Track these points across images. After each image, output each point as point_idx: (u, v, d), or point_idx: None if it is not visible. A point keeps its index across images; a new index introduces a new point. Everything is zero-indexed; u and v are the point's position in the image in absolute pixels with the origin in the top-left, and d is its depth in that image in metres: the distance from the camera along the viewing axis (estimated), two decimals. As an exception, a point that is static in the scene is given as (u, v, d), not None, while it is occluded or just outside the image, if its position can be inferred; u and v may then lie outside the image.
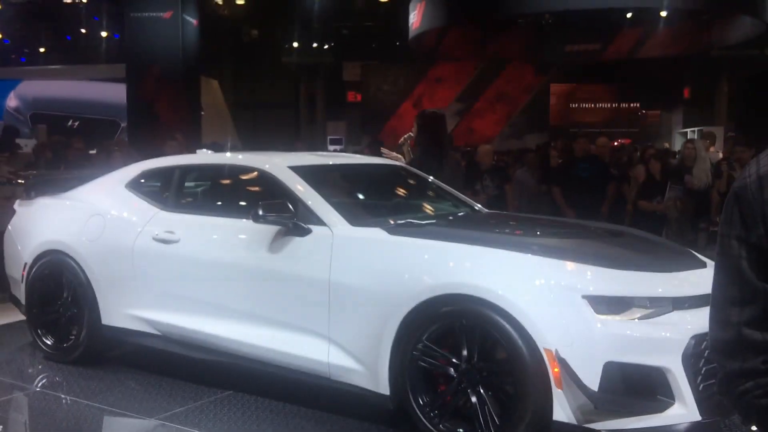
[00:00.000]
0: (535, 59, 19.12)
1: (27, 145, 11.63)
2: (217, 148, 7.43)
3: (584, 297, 3.16)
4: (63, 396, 4.29)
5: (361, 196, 4.73)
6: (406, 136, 5.95)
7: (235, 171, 4.66)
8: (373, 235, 3.77)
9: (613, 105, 21.53)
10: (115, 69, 15.65)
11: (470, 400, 3.33)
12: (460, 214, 4.64)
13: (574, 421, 3.12)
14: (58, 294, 4.86)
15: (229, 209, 4.30)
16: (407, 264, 3.56)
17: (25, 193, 5.40)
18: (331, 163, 4.80)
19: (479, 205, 5.05)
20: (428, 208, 4.79)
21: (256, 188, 4.33)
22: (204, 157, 4.99)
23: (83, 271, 4.70)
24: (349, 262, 3.72)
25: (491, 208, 5.23)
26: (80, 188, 5.22)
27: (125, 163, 5.51)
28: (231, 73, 18.68)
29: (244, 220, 4.06)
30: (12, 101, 18.89)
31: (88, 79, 18.75)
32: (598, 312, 3.15)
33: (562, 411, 3.13)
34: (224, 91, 17.38)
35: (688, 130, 18.89)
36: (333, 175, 4.68)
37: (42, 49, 22.67)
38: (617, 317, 3.17)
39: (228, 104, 17.32)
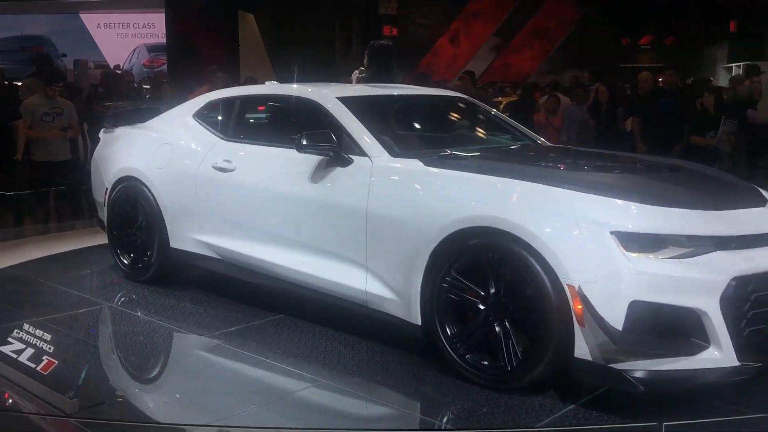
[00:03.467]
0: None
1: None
2: (254, 83, 7.51)
3: (612, 233, 3.01)
4: (128, 311, 4.62)
5: (412, 128, 4.67)
6: (357, 70, 5.92)
7: (288, 102, 4.72)
8: (410, 167, 3.74)
9: (652, 39, 20.06)
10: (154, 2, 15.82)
11: (495, 333, 3.31)
12: (512, 146, 4.50)
13: (596, 360, 3.03)
14: (134, 218, 5.18)
15: (281, 139, 4.38)
16: (439, 195, 3.52)
17: (107, 122, 5.71)
18: (384, 93, 4.75)
19: (542, 139, 4.88)
20: (483, 139, 4.68)
21: (307, 119, 4.37)
22: (259, 88, 5.09)
23: (154, 197, 4.97)
24: (385, 192, 3.73)
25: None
26: (156, 119, 5.48)
27: (174, 96, 5.69)
28: (267, 8, 18.37)
29: (293, 150, 4.13)
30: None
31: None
32: (628, 249, 3.01)
33: (583, 349, 3.04)
34: (260, 25, 17.30)
35: (734, 65, 17.52)
36: (386, 106, 4.64)
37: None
38: (649, 255, 3.02)
39: (264, 39, 17.23)
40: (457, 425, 3.10)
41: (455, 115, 4.96)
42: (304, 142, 3.93)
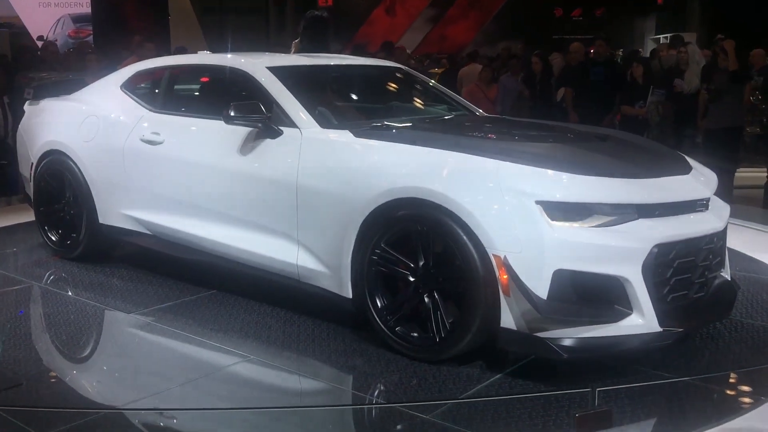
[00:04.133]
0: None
1: None
2: (183, 53, 7.32)
3: (538, 202, 3.01)
4: (56, 290, 4.48)
5: (346, 98, 4.60)
6: (296, 40, 5.93)
7: (217, 72, 4.59)
8: (339, 137, 3.68)
9: (583, 11, 20.36)
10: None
11: (424, 304, 3.29)
12: (446, 117, 4.47)
13: (521, 329, 3.05)
14: (61, 193, 5.01)
15: (210, 110, 4.26)
16: (367, 167, 3.47)
17: (27, 93, 5.48)
18: (317, 64, 4.66)
19: (480, 110, 4.86)
20: (418, 110, 4.64)
21: (237, 89, 4.26)
22: (188, 57, 4.94)
23: (81, 171, 4.81)
24: (315, 164, 3.66)
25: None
26: (83, 90, 5.28)
27: (100, 67, 5.50)
28: (198, -24, 17.91)
29: (221, 121, 4.02)
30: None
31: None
32: (553, 218, 3.01)
33: (509, 318, 3.05)
34: None
35: (661, 36, 17.91)
36: (319, 76, 4.55)
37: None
38: (574, 224, 3.03)
39: (194, 9, 16.79)
40: (388, 398, 3.09)
41: (391, 85, 4.90)
42: (232, 114, 3.83)
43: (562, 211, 3.03)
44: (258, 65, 4.20)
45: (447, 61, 11.56)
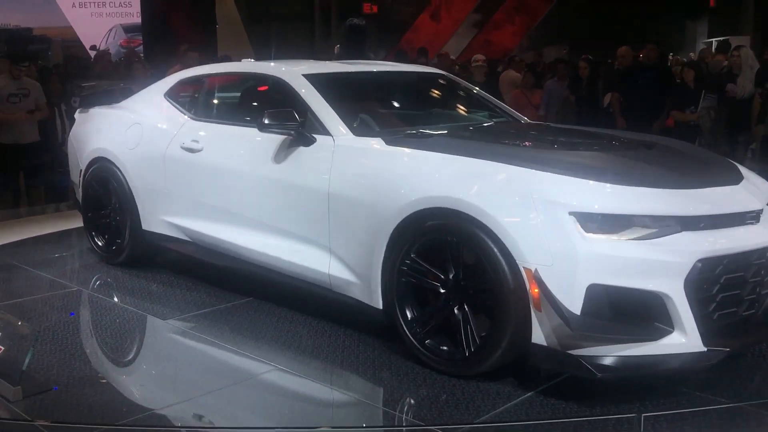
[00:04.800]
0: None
1: None
2: (227, 60, 7.37)
3: (572, 213, 2.88)
4: (99, 295, 4.55)
5: (383, 105, 4.52)
6: (337, 46, 5.93)
7: (255, 79, 4.59)
8: (371, 145, 3.61)
9: (634, 14, 19.52)
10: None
11: (454, 317, 3.19)
12: (485, 124, 4.35)
13: (553, 346, 2.91)
14: (107, 199, 5.09)
15: (246, 118, 4.26)
16: (398, 175, 3.39)
17: (74, 101, 5.61)
18: (354, 71, 4.61)
19: (524, 117, 4.72)
20: (457, 117, 4.53)
21: (273, 97, 4.25)
22: (227, 65, 4.96)
23: (125, 178, 4.88)
24: (346, 172, 3.61)
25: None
26: (130, 99, 5.37)
27: (147, 75, 5.58)
28: (244, -15, 17.99)
29: (257, 129, 4.01)
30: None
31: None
32: (588, 230, 2.87)
33: (541, 334, 2.93)
34: (238, 3, 16.97)
35: (713, 39, 17.33)
36: (355, 83, 4.50)
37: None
38: (610, 236, 2.88)
39: (241, 17, 16.89)
40: (417, 414, 2.99)
41: (431, 91, 4.81)
42: (266, 121, 3.81)
43: (597, 222, 2.88)
44: (294, 73, 4.17)
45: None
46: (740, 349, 3.18)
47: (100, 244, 5.20)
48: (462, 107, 4.72)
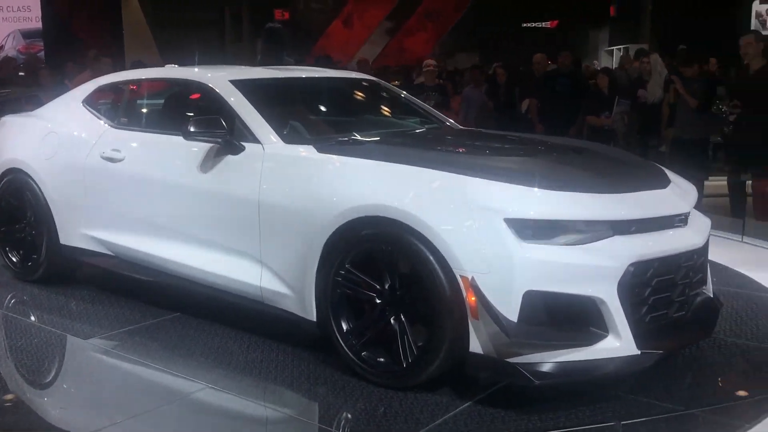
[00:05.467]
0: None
1: None
2: (140, 66, 7.16)
3: (506, 220, 2.86)
4: (15, 315, 4.28)
5: (313, 112, 4.43)
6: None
7: (179, 86, 4.43)
8: (302, 153, 3.52)
9: (537, 24, 20.72)
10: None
11: (391, 328, 3.13)
12: (418, 130, 4.32)
13: (491, 354, 2.88)
14: (22, 213, 4.81)
15: (172, 126, 4.09)
16: (331, 183, 3.31)
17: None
18: (283, 76, 4.50)
19: (452, 121, 4.72)
20: (390, 123, 4.48)
21: (199, 103, 4.10)
22: (150, 71, 4.77)
23: (40, 190, 4.63)
24: (277, 181, 3.50)
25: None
26: (45, 106, 5.11)
27: (53, 81, 5.33)
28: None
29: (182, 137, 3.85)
30: None
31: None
32: (522, 237, 2.85)
33: (478, 343, 2.89)
34: (144, 8, 16.53)
35: (614, 47, 18.56)
36: (285, 89, 4.39)
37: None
38: (545, 243, 2.87)
39: (147, 22, 16.60)
40: (353, 429, 2.91)
41: (362, 98, 4.75)
42: (192, 129, 3.66)
43: (533, 229, 2.87)
44: (220, 78, 4.04)
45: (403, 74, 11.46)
46: (672, 351, 3.23)
47: (14, 260, 4.91)
48: (393, 113, 4.68)
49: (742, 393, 3.17)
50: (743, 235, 5.87)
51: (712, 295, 3.52)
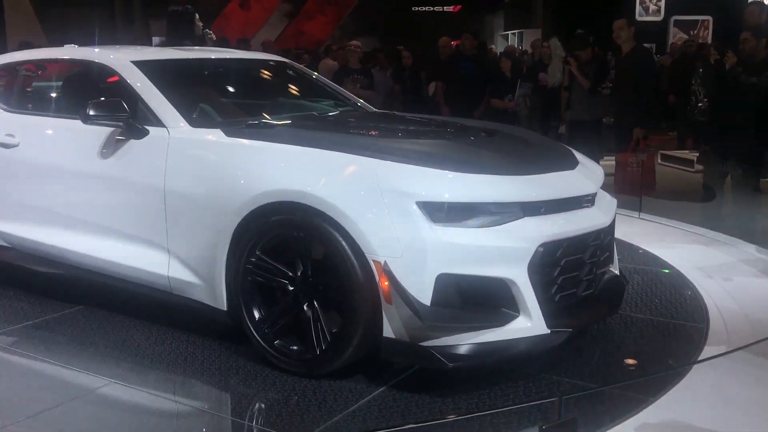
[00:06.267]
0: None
1: None
2: (28, 48, 6.83)
3: (418, 204, 2.83)
4: None
5: (223, 94, 4.29)
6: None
7: (79, 67, 4.20)
8: (209, 137, 3.39)
9: (436, 8, 21.27)
10: None
11: (304, 315, 3.06)
12: (330, 113, 4.25)
13: (404, 338, 2.86)
14: None
15: (70, 109, 3.87)
16: (239, 168, 3.21)
17: None
18: (190, 57, 4.34)
19: (365, 103, 4.66)
20: (302, 106, 4.39)
21: (100, 86, 3.90)
22: (47, 51, 4.52)
23: (-71, 178, 4.31)
24: (183, 166, 3.37)
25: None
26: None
27: None
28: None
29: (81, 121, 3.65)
30: None
31: None
32: (434, 220, 2.83)
33: (392, 328, 2.87)
34: None
35: (509, 32, 19.37)
36: (192, 71, 4.23)
37: None
38: (456, 225, 2.86)
39: (30, 1, 15.85)
40: (266, 420, 2.84)
41: (273, 79, 4.63)
42: (91, 113, 3.48)
43: (443, 211, 2.85)
44: (122, 59, 3.85)
45: (308, 56, 11.36)
46: (581, 328, 3.30)
47: None
48: (305, 95, 4.58)
49: (645, 367, 3.28)
50: (640, 211, 6.08)
51: (618, 273, 3.62)
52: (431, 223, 2.83)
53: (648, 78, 6.77)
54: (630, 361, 3.30)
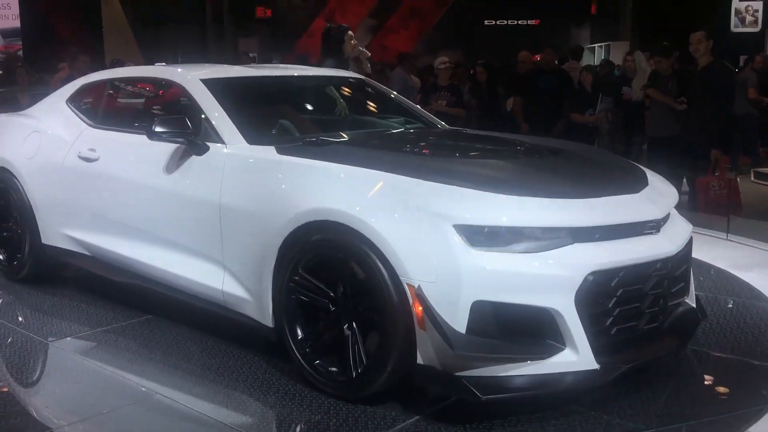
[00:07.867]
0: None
1: None
2: (119, 65, 7.11)
3: (455, 226, 2.71)
4: (-8, 314, 4.29)
5: (291, 112, 4.31)
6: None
7: (154, 85, 4.37)
8: (262, 154, 3.42)
9: (520, 21, 20.60)
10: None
11: (343, 337, 3.01)
12: (395, 131, 4.18)
13: (436, 367, 2.74)
14: (8, 212, 4.82)
15: (143, 125, 4.03)
16: (286, 186, 3.21)
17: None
18: (259, 75, 4.41)
19: (442, 123, 4.56)
20: (368, 123, 4.36)
21: (173, 102, 4.04)
22: (129, 70, 4.73)
23: (23, 189, 4.62)
24: (237, 182, 3.41)
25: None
26: (34, 106, 5.11)
27: (30, 80, 5.32)
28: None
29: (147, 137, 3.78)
30: None
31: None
32: (473, 243, 2.70)
33: (425, 355, 2.75)
34: (124, 5, 16.36)
35: (596, 45, 18.56)
36: (260, 88, 4.29)
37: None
38: (498, 250, 2.72)
39: (128, 20, 16.35)
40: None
41: (345, 96, 4.62)
42: (156, 129, 3.59)
43: (483, 235, 2.72)
44: (192, 77, 3.96)
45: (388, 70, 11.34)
46: (637, 365, 3.02)
47: (1, 258, 4.93)
48: (376, 112, 4.55)
49: (714, 409, 2.98)
50: (728, 233, 5.59)
51: (694, 305, 3.33)
52: (469, 246, 2.70)
53: (725, 96, 6.28)
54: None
